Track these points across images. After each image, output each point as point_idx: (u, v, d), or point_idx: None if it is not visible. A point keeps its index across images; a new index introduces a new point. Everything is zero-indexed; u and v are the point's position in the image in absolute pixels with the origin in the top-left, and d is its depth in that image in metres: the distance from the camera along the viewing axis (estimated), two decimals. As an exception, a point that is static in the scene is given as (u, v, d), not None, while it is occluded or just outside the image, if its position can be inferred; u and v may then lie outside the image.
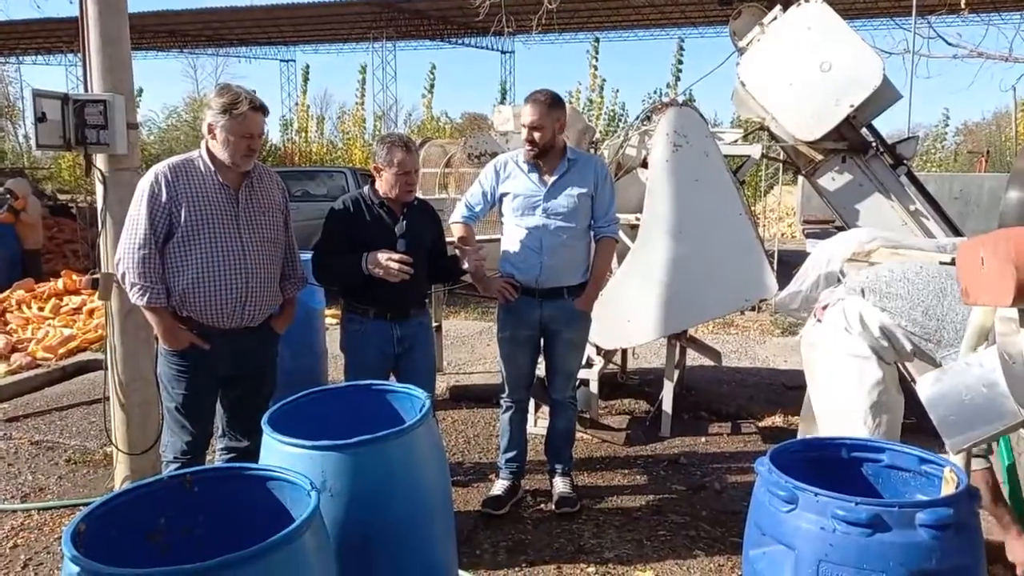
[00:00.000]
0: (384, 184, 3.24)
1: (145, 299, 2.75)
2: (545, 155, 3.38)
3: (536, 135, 3.32)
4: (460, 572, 2.68)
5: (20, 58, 26.11)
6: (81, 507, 3.57)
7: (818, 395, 3.10)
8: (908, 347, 2.84)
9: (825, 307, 3.06)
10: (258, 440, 3.09)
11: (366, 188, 3.32)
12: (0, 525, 3.49)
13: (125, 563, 1.49)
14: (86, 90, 3.48)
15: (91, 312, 7.41)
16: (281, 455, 2.04)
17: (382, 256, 3.09)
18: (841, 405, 2.90)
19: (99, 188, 3.49)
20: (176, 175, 2.77)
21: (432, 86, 21.82)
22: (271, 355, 3.08)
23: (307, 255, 3.35)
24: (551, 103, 3.34)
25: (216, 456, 3.06)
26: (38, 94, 3.29)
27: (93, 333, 6.78)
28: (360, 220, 3.23)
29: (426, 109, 22.14)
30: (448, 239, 3.61)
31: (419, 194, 3.47)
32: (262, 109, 2.82)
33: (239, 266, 2.82)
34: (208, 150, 2.82)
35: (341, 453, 2.03)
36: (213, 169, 2.82)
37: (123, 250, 2.77)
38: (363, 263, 3.12)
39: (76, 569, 1.48)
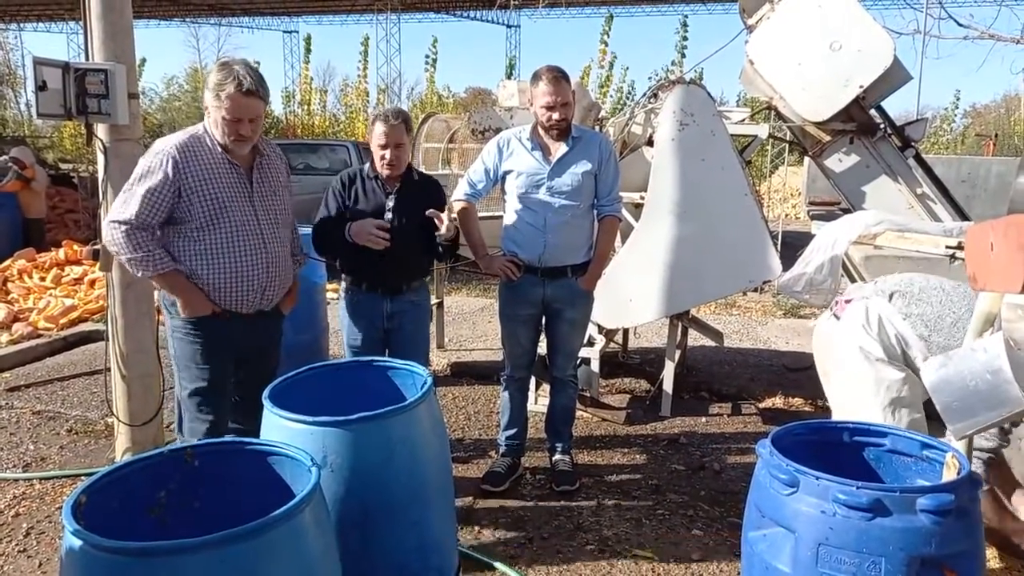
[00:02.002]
0: (373, 158, 3.27)
1: (152, 269, 2.62)
2: (567, 134, 3.35)
3: (566, 112, 3.29)
4: (459, 548, 2.69)
5: (21, 25, 25.87)
6: (83, 477, 3.60)
7: (833, 391, 3.07)
8: (920, 359, 2.75)
9: (848, 301, 3.01)
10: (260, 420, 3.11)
11: (366, 165, 3.34)
12: (2, 494, 3.51)
13: (125, 536, 1.49)
14: (87, 58, 3.43)
15: (92, 283, 7.41)
16: (282, 430, 2.04)
17: (361, 224, 3.13)
18: (856, 404, 2.86)
19: (100, 158, 3.46)
20: (185, 157, 2.62)
21: (435, 60, 21.61)
22: (278, 335, 3.05)
23: (308, 229, 3.35)
24: (567, 77, 3.31)
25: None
26: (39, 62, 3.25)
27: (94, 304, 6.78)
28: (354, 194, 3.27)
29: (429, 83, 21.94)
30: (452, 215, 3.58)
31: (421, 168, 3.45)
32: (255, 92, 2.60)
33: (260, 253, 2.74)
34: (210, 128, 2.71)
35: (342, 429, 2.03)
36: (221, 149, 2.69)
37: (109, 228, 2.62)
38: (346, 232, 3.16)
39: (77, 542, 1.48)
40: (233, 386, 2.95)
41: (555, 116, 3.28)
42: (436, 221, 3.16)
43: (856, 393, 2.86)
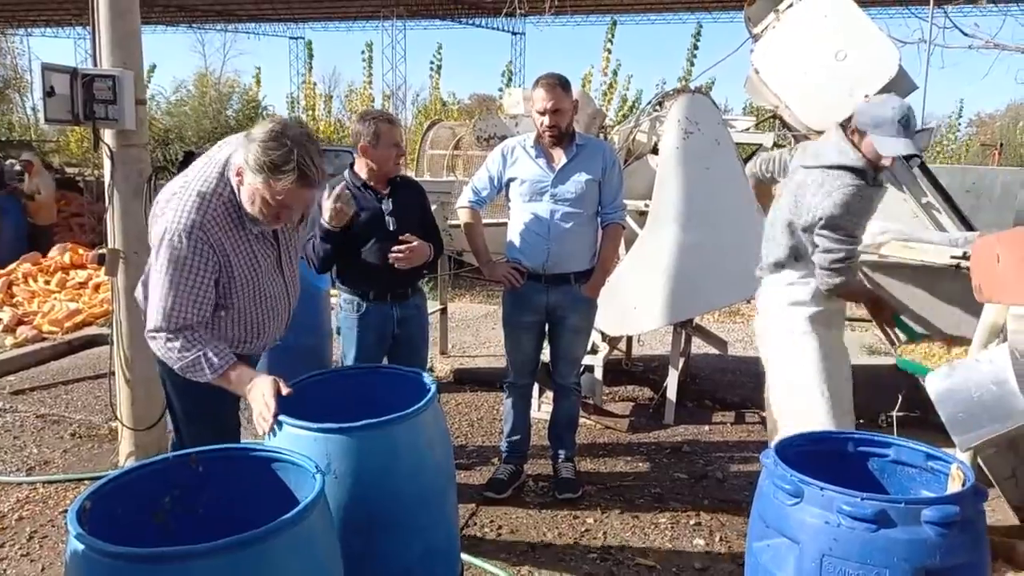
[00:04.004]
0: (373, 162, 3.13)
1: (209, 371, 2.16)
2: (563, 141, 3.35)
3: (558, 119, 3.28)
4: (462, 555, 2.68)
5: (28, 30, 26.00)
6: (86, 481, 3.61)
7: (773, 377, 3.20)
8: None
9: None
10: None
11: (346, 173, 3.21)
12: (6, 497, 3.52)
13: (129, 541, 1.49)
14: (95, 64, 3.46)
15: (97, 287, 7.42)
16: (286, 437, 2.04)
17: (325, 207, 2.95)
18: (796, 385, 3.03)
19: (107, 163, 3.48)
20: (211, 227, 2.14)
21: (440, 66, 21.65)
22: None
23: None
24: (564, 85, 3.30)
25: None
26: (47, 68, 3.28)
27: (99, 308, 6.79)
28: None
29: (434, 90, 21.98)
30: (454, 222, 3.58)
31: (427, 175, 3.45)
32: (312, 182, 2.09)
33: (283, 309, 2.46)
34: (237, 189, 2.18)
35: (347, 436, 2.03)
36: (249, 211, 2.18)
37: (154, 345, 2.18)
38: (323, 220, 2.99)
39: (80, 546, 1.48)
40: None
41: (546, 121, 3.29)
42: (397, 259, 3.06)
43: (791, 373, 3.03)
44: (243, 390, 2.16)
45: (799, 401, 2.95)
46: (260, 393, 2.10)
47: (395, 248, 3.07)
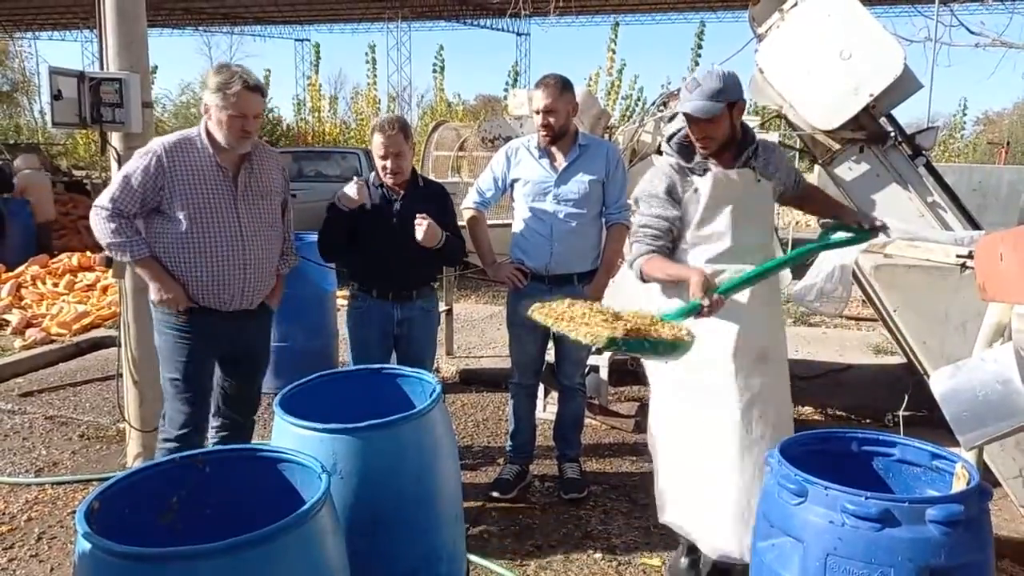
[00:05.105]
0: (378, 167, 3.30)
1: (128, 254, 2.74)
2: (558, 140, 3.36)
3: (551, 119, 3.30)
4: (467, 555, 2.69)
5: (36, 34, 26.15)
6: (94, 482, 3.63)
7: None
8: None
9: None
10: (253, 417, 3.11)
11: (372, 174, 3.37)
12: (15, 498, 3.54)
13: (138, 541, 1.51)
14: (102, 67, 3.48)
15: (105, 289, 7.46)
16: (293, 437, 2.05)
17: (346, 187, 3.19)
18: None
19: (114, 166, 3.50)
20: (172, 157, 2.73)
21: (443, 67, 21.67)
22: (266, 334, 3.13)
23: (314, 237, 3.39)
24: (562, 86, 3.31)
25: (210, 433, 3.08)
26: (55, 71, 3.30)
27: (107, 310, 6.83)
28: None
29: (438, 90, 22.00)
30: (460, 223, 3.60)
31: (431, 176, 3.48)
32: (258, 89, 2.75)
33: (239, 254, 2.82)
34: (207, 130, 2.78)
35: (352, 436, 2.04)
36: (211, 151, 2.77)
37: (93, 212, 2.75)
38: (336, 202, 3.21)
39: (89, 546, 1.50)
40: (227, 383, 3.02)
41: (539, 120, 3.32)
42: (416, 225, 3.15)
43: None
44: (157, 279, 2.76)
45: None
46: (163, 285, 2.77)
47: (418, 216, 3.15)
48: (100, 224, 2.73)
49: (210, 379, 2.98)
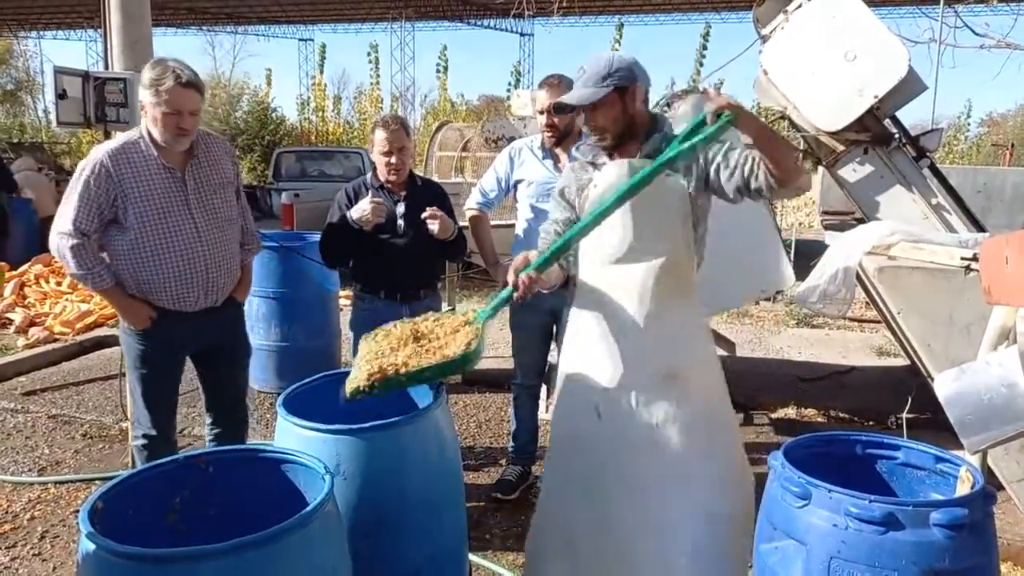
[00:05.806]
0: (377, 165, 3.28)
1: (92, 284, 2.71)
2: (563, 141, 3.36)
3: (556, 119, 3.29)
4: (470, 556, 2.69)
5: (40, 33, 26.21)
6: (97, 482, 3.63)
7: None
8: None
9: None
10: (244, 412, 3.10)
11: (368, 175, 3.36)
12: (18, 497, 3.55)
13: (141, 542, 1.51)
14: (106, 67, 3.49)
15: (108, 288, 7.47)
16: (296, 438, 2.05)
17: (359, 206, 3.14)
18: None
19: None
20: (117, 163, 2.64)
21: (446, 67, 21.67)
22: (239, 327, 3.06)
23: (316, 237, 3.38)
24: (567, 86, 3.31)
25: (206, 433, 3.08)
26: (59, 71, 3.31)
27: (110, 309, 6.83)
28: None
29: (441, 90, 22.00)
30: (462, 223, 3.60)
31: (434, 176, 3.47)
32: (192, 84, 2.63)
33: (198, 255, 2.76)
34: (147, 130, 2.69)
35: (355, 437, 2.04)
36: (155, 152, 2.68)
37: (54, 239, 2.67)
38: (348, 218, 3.17)
39: (92, 546, 1.50)
40: (208, 380, 3.00)
41: (544, 121, 3.32)
42: (429, 221, 3.15)
43: None
44: (119, 306, 2.76)
45: None
46: (126, 312, 2.77)
47: (428, 210, 3.14)
48: (64, 253, 2.66)
49: (175, 381, 2.92)
